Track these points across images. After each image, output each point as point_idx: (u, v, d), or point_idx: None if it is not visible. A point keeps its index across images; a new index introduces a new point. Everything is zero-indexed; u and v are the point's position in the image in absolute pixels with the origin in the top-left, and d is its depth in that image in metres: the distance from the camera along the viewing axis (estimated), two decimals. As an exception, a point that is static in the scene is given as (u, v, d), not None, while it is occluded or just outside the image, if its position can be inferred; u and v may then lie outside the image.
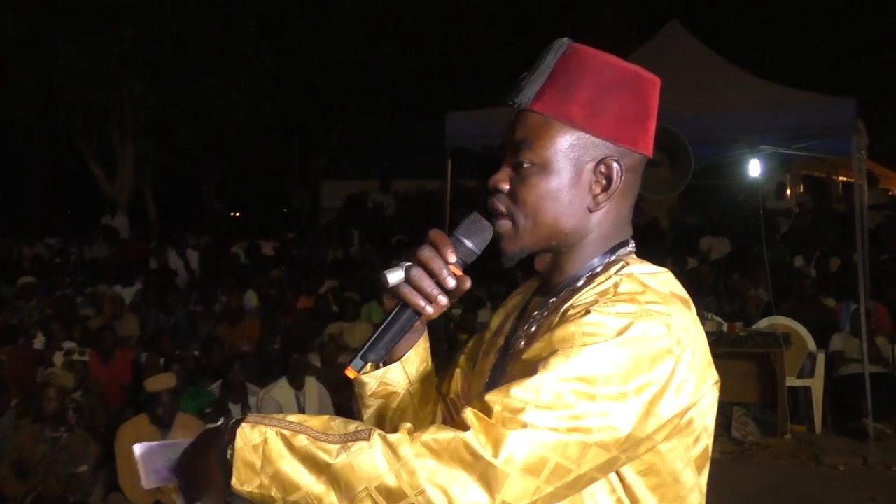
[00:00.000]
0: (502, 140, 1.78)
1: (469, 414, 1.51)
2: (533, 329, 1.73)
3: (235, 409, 8.44)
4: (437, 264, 1.68)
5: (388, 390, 1.88)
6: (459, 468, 1.46)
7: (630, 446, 1.54)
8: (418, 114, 17.57)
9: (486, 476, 1.45)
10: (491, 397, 1.52)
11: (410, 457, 1.46)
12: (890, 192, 20.15)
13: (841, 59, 22.59)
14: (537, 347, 1.59)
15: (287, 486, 1.50)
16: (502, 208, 1.74)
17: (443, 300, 1.71)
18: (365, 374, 1.85)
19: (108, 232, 17.11)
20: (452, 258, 1.70)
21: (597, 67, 1.73)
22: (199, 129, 19.37)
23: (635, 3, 19.44)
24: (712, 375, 1.65)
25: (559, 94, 1.71)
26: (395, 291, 1.71)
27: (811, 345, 9.76)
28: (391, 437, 1.49)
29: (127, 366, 9.49)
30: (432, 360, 1.95)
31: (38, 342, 9.81)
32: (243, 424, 1.54)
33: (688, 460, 1.64)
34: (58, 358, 8.97)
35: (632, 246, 1.79)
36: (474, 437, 1.47)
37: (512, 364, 1.70)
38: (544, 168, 1.70)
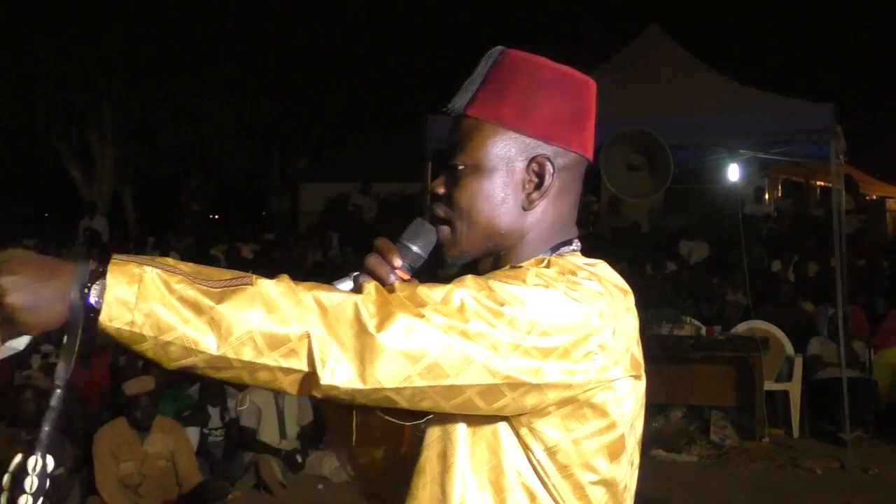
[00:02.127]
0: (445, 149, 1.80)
1: (371, 285, 1.53)
2: None
3: (214, 412, 8.43)
4: (384, 270, 1.68)
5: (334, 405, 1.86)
6: (342, 329, 1.47)
7: (516, 387, 1.54)
8: (398, 116, 17.59)
9: (363, 345, 1.47)
10: (400, 285, 1.56)
11: (298, 305, 1.47)
12: (868, 197, 20.29)
13: (819, 65, 22.72)
14: None
15: (162, 325, 1.44)
16: (441, 213, 1.76)
17: None
18: None
19: (88, 234, 17.05)
20: (398, 263, 1.70)
21: (528, 69, 1.76)
22: (179, 131, 19.33)
23: (614, 7, 19.49)
24: (630, 365, 1.66)
25: (491, 97, 1.74)
26: None
27: (789, 349, 9.82)
28: (278, 284, 1.49)
29: (105, 369, 9.44)
30: None
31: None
32: (114, 260, 1.48)
33: (600, 445, 1.64)
34: (35, 360, 8.93)
35: (576, 245, 1.80)
36: (364, 305, 1.49)
37: None
38: (476, 169, 1.72)
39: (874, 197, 21.40)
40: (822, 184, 18.72)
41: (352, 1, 19.36)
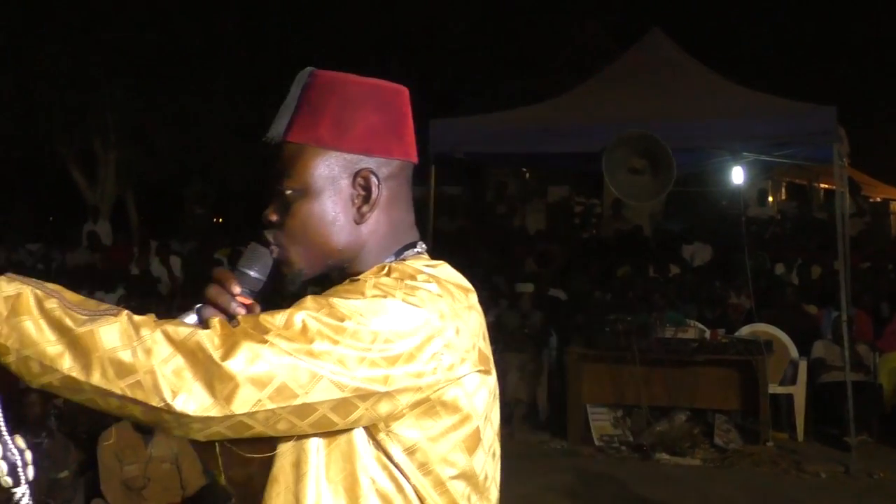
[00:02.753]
0: (268, 177, 1.84)
1: (215, 321, 1.59)
2: None
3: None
4: (223, 299, 1.72)
5: None
6: (189, 362, 1.51)
7: (366, 398, 1.59)
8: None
9: (211, 375, 1.51)
10: (244, 318, 1.61)
11: (148, 339, 1.52)
12: (871, 200, 20.29)
13: (822, 67, 22.70)
14: None
15: (25, 340, 1.52)
16: (271, 238, 1.80)
17: None
18: None
19: (91, 238, 17.07)
20: (237, 289, 1.74)
21: (338, 87, 1.80)
22: (181, 135, 19.33)
23: (616, 11, 19.49)
24: (478, 360, 1.71)
25: (307, 120, 1.78)
26: None
27: (793, 352, 9.83)
28: (138, 318, 1.55)
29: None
30: None
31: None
32: (5, 276, 1.58)
33: (456, 440, 1.69)
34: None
35: (420, 247, 1.85)
36: (209, 338, 1.54)
37: None
38: (304, 192, 1.76)
39: (878, 199, 21.42)
40: (826, 186, 18.72)
41: (352, 4, 19.36)
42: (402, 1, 19.14)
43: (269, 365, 1.53)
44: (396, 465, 1.66)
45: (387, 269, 1.72)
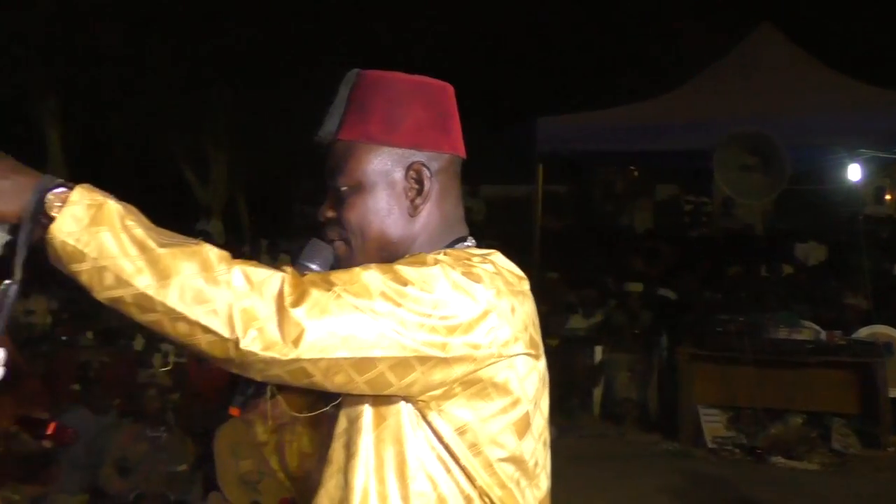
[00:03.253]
0: (323, 176, 1.89)
1: (288, 269, 1.62)
2: None
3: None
4: None
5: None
6: (264, 302, 1.55)
7: (424, 361, 1.62)
8: (506, 118, 17.58)
9: (283, 318, 1.55)
10: (312, 273, 1.66)
11: (227, 272, 1.55)
12: None
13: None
14: None
15: (104, 250, 1.54)
16: (335, 235, 1.86)
17: None
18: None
19: (205, 237, 17.40)
20: None
21: (386, 86, 1.86)
22: (290, 134, 19.60)
23: (725, 5, 19.17)
24: (529, 343, 1.75)
25: (357, 118, 1.84)
26: None
27: (914, 354, 9.56)
28: (218, 250, 1.59)
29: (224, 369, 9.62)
30: None
31: (138, 344, 10.01)
32: (83, 185, 1.60)
33: (506, 423, 1.72)
34: (157, 360, 9.16)
35: (470, 241, 1.90)
36: (283, 282, 1.57)
37: None
38: (359, 188, 1.83)
39: None
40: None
41: (456, 3, 19.41)
42: (508, 1, 19.14)
43: (338, 315, 1.57)
44: (446, 446, 1.70)
45: (442, 252, 1.76)
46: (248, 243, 17.51)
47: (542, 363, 1.80)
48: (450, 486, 1.71)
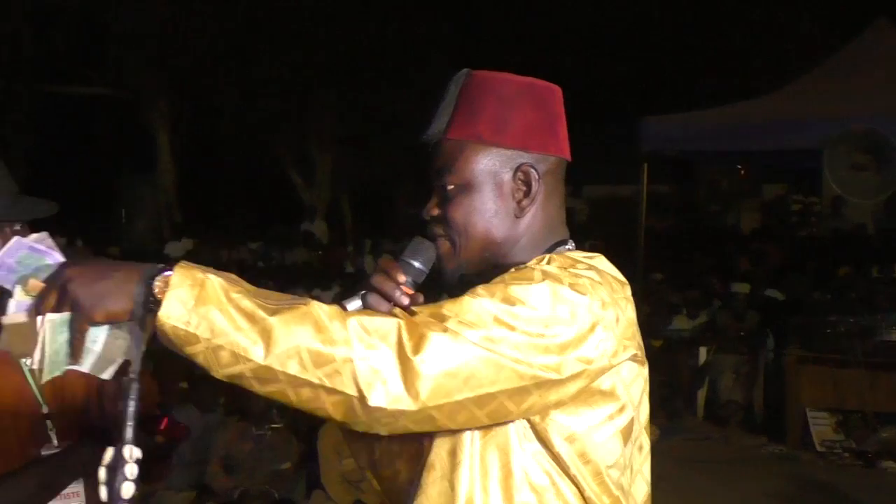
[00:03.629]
0: (428, 174, 1.88)
1: (398, 311, 1.63)
2: None
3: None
4: (389, 287, 1.77)
5: None
6: (383, 354, 1.53)
7: (541, 385, 1.62)
8: (611, 118, 17.49)
9: (406, 368, 1.54)
10: (417, 308, 1.64)
11: (342, 329, 1.54)
12: None
13: None
14: None
15: (216, 329, 1.52)
16: (440, 231, 1.86)
17: None
18: None
19: (308, 237, 17.65)
20: (402, 278, 1.78)
21: (496, 87, 1.85)
22: (393, 136, 19.76)
23: (837, 2, 18.76)
24: (634, 349, 1.75)
25: (466, 118, 1.84)
26: None
27: None
28: (328, 307, 1.58)
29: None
30: None
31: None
32: (181, 264, 1.57)
33: (614, 429, 1.72)
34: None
35: (570, 245, 1.89)
36: (399, 330, 1.56)
37: None
38: (466, 187, 1.83)
39: None
40: None
41: (558, 5, 19.35)
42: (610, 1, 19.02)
43: (458, 356, 1.57)
44: (555, 456, 1.70)
45: (547, 258, 1.76)
46: (351, 244, 17.67)
47: (646, 369, 1.80)
48: (553, 498, 1.71)
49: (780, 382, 9.55)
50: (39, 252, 1.71)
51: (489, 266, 1.85)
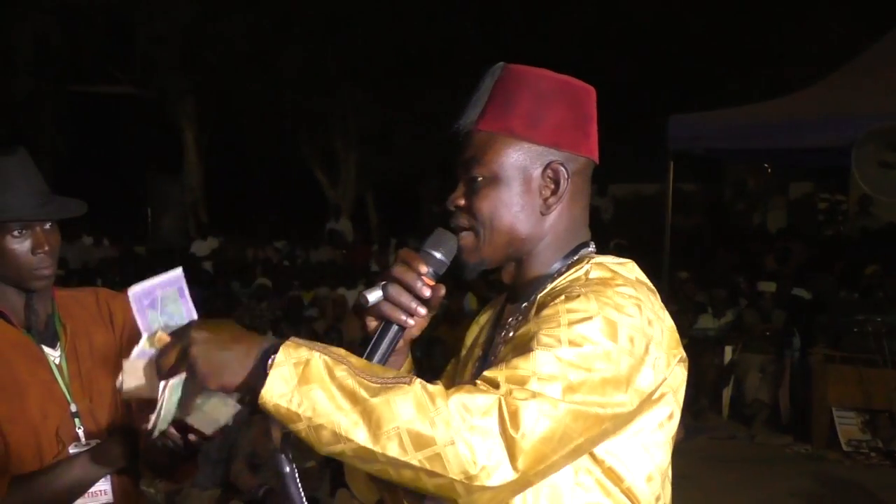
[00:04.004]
0: (454, 164, 1.87)
1: (481, 384, 1.59)
2: (510, 334, 1.80)
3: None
4: (410, 277, 1.77)
5: None
6: (487, 435, 1.52)
7: (616, 419, 1.64)
8: (635, 117, 17.47)
9: (511, 445, 1.53)
10: (492, 373, 1.61)
11: (444, 409, 1.52)
12: None
13: None
14: (524, 329, 1.69)
15: (318, 408, 1.53)
16: (464, 223, 1.84)
17: (421, 311, 1.78)
18: None
19: (333, 236, 17.70)
20: (424, 269, 1.78)
21: (531, 82, 1.84)
22: (417, 135, 19.79)
23: (864, 2, 18.65)
24: (679, 353, 1.77)
25: (499, 110, 1.83)
26: (376, 310, 1.79)
27: None
28: (430, 387, 1.56)
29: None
30: None
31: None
32: (288, 342, 1.59)
33: (664, 437, 1.76)
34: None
35: (592, 247, 1.89)
36: (502, 406, 1.54)
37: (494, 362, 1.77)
38: (495, 179, 1.81)
39: None
40: None
41: (590, 5, 19.31)
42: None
43: (550, 420, 1.56)
44: (606, 470, 1.71)
45: (585, 271, 1.76)
46: (376, 242, 17.70)
47: (685, 371, 1.81)
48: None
49: (806, 382, 9.51)
50: (184, 300, 1.80)
51: (511, 262, 1.87)
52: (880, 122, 8.80)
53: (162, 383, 1.72)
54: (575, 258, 1.84)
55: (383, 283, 1.79)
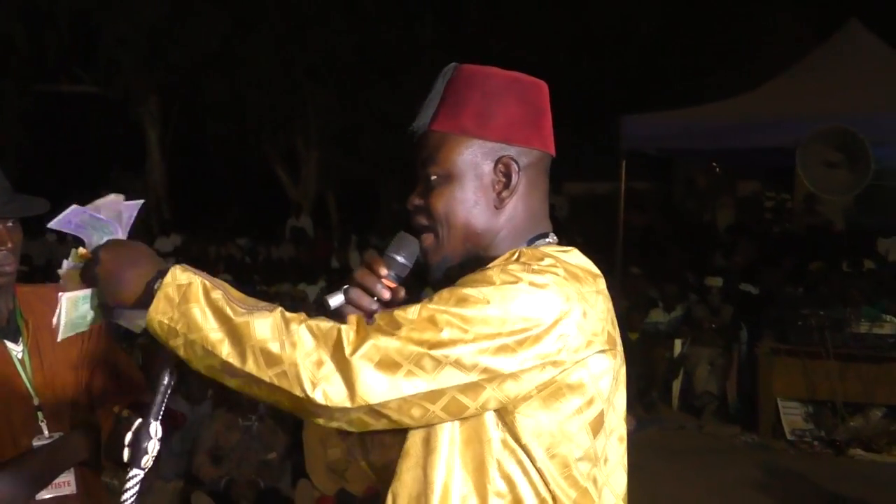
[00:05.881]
0: (415, 166, 1.89)
1: (353, 318, 1.65)
2: None
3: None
4: (371, 281, 1.81)
5: None
6: (327, 355, 1.60)
7: (492, 380, 1.63)
8: (590, 116, 17.55)
9: (345, 367, 1.59)
10: (380, 315, 1.67)
11: (295, 333, 1.61)
12: None
13: None
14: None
15: (192, 325, 1.65)
16: (424, 222, 1.87)
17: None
18: None
19: (296, 233, 17.63)
20: (384, 272, 1.81)
21: (481, 81, 1.85)
22: (378, 135, 19.76)
23: (809, 5, 18.83)
24: (604, 343, 1.74)
25: (451, 110, 1.84)
26: (339, 313, 1.80)
27: None
28: (288, 314, 1.65)
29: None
30: None
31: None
32: (176, 266, 1.72)
33: (582, 422, 1.72)
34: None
35: (552, 238, 1.89)
36: (345, 332, 1.61)
37: None
38: (448, 177, 1.83)
39: None
40: None
41: (545, 5, 19.37)
42: (595, 0, 19.05)
43: (394, 354, 1.60)
44: (523, 447, 1.70)
45: (517, 254, 1.75)
46: (337, 239, 17.65)
47: (618, 360, 1.79)
48: (526, 488, 1.71)
49: (753, 374, 9.60)
50: (100, 221, 1.89)
51: (471, 258, 1.85)
52: (825, 124, 8.89)
53: (60, 294, 1.86)
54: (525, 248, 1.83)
55: (346, 286, 1.81)
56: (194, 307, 1.65)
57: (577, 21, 19.29)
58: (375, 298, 1.79)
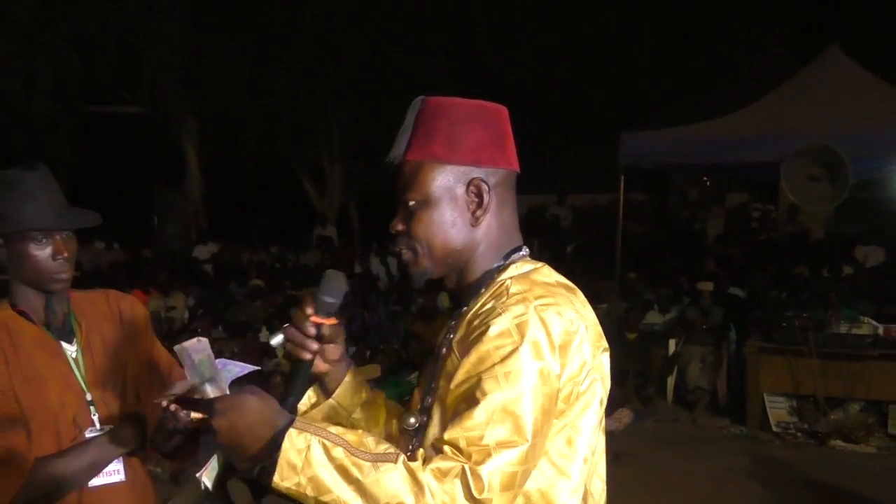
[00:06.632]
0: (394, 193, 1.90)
1: (449, 451, 1.63)
2: (451, 335, 1.83)
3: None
4: (300, 320, 1.84)
5: (333, 421, 2.00)
6: (456, 497, 1.58)
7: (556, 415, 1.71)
8: (591, 133, 17.53)
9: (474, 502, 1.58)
10: (453, 434, 1.64)
11: (425, 483, 1.58)
12: None
13: None
14: (463, 373, 1.70)
15: (321, 489, 1.60)
16: (402, 247, 1.88)
17: (313, 346, 1.85)
18: (301, 414, 1.99)
19: (322, 241, 17.66)
20: (310, 311, 1.84)
21: (447, 110, 1.85)
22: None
23: (795, 27, 18.79)
24: (602, 344, 1.82)
25: (422, 140, 1.84)
26: (283, 349, 1.87)
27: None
28: (411, 463, 1.61)
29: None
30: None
31: (264, 335, 10.20)
32: (291, 429, 1.62)
33: (597, 419, 1.79)
34: (280, 350, 9.29)
35: (525, 251, 1.90)
36: (464, 472, 1.59)
37: (441, 369, 1.81)
38: (426, 202, 1.84)
39: None
40: None
41: (547, 31, 19.37)
42: (594, 26, 19.04)
43: (509, 468, 1.62)
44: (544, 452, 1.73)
45: (505, 286, 1.78)
46: (359, 246, 17.68)
47: (608, 357, 1.84)
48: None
49: (741, 370, 9.59)
50: (213, 367, 1.83)
51: (454, 271, 1.89)
52: (807, 141, 8.87)
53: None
54: (505, 262, 1.87)
55: (285, 326, 1.86)
56: (320, 470, 1.60)
57: (580, 47, 19.29)
58: (304, 335, 1.84)
